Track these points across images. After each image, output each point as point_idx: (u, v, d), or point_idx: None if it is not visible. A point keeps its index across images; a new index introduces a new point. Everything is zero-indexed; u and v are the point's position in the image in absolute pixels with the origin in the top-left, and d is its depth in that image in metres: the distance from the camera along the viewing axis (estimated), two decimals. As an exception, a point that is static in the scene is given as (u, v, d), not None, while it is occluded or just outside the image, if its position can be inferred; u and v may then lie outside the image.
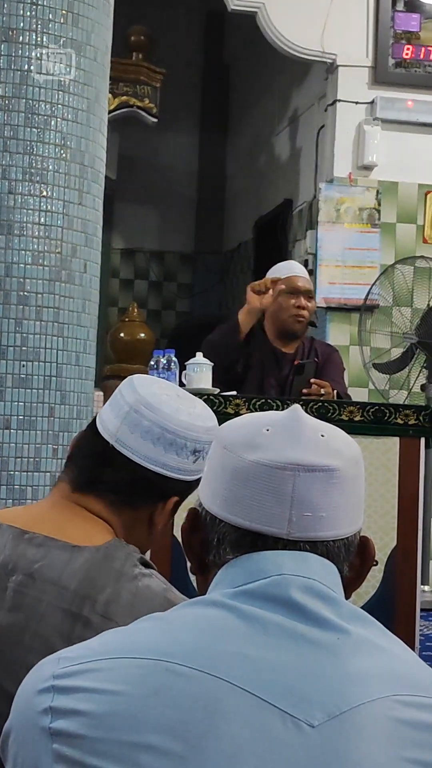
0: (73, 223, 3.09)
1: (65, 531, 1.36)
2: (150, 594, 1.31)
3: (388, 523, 3.12)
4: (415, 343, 4.99)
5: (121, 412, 1.41)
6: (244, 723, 0.81)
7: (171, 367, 3.25)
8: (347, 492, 0.94)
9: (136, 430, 1.39)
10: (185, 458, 1.41)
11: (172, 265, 8.31)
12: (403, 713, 0.85)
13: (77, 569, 1.31)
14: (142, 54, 6.14)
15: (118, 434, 1.40)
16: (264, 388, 3.72)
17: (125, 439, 1.40)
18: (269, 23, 5.36)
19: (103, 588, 1.29)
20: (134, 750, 0.81)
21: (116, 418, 1.41)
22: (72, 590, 1.29)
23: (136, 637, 0.89)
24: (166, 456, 1.40)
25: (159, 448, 1.40)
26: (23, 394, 3.01)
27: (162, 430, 1.39)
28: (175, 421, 1.40)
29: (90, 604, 1.28)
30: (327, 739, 0.82)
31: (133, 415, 1.40)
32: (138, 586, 1.31)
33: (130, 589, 1.30)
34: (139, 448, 1.40)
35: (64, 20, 3.05)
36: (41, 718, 0.84)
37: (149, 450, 1.40)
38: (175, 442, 1.40)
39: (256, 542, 0.93)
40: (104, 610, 1.28)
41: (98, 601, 1.28)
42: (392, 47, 5.43)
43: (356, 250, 5.36)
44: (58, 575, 1.30)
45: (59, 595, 1.29)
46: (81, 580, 1.30)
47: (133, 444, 1.40)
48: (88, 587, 1.29)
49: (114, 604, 1.28)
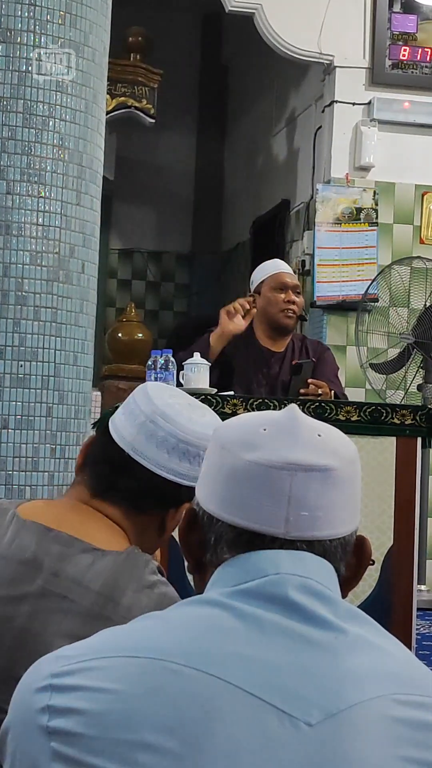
0: (71, 223, 3.10)
1: (87, 533, 1.40)
2: (167, 601, 1.33)
3: (384, 523, 3.13)
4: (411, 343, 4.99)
5: (137, 422, 1.45)
6: (242, 722, 0.82)
7: (169, 367, 3.25)
8: (344, 492, 0.94)
9: (151, 439, 1.44)
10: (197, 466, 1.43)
11: (170, 266, 8.31)
12: (400, 712, 0.85)
13: (100, 571, 1.34)
14: (139, 55, 6.14)
15: (134, 443, 1.44)
16: (253, 387, 3.73)
17: (141, 448, 1.44)
18: (266, 24, 5.36)
19: (125, 592, 1.33)
20: (131, 749, 0.81)
21: (131, 427, 1.45)
22: (95, 591, 1.32)
23: (133, 635, 0.89)
24: (180, 465, 1.44)
25: (174, 458, 1.44)
26: (21, 393, 3.01)
27: (177, 441, 1.44)
28: (190, 432, 1.44)
29: (113, 606, 1.32)
30: (324, 738, 0.82)
31: (149, 425, 1.44)
32: (156, 593, 1.35)
33: (150, 596, 1.34)
34: (155, 457, 1.44)
35: (62, 21, 3.05)
36: (39, 716, 0.84)
37: (164, 459, 1.44)
38: (189, 451, 1.44)
39: (253, 542, 0.93)
40: (126, 613, 1.30)
41: (121, 604, 1.32)
42: (389, 48, 5.43)
43: (353, 249, 5.36)
44: (82, 575, 1.34)
45: (83, 594, 1.32)
46: (104, 582, 1.33)
47: (148, 453, 1.44)
48: (111, 590, 1.33)
49: (135, 609, 1.31)
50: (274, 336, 3.82)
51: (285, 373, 3.77)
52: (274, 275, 3.84)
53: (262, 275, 3.88)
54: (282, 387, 3.75)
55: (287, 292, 3.79)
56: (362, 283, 5.25)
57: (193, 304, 8.25)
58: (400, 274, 5.21)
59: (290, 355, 3.83)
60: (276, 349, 3.82)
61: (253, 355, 3.79)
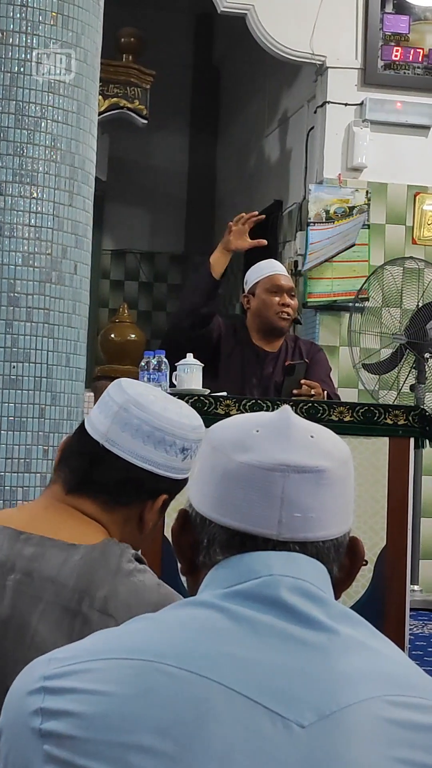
0: (64, 224, 3.09)
1: (60, 532, 1.38)
2: (145, 589, 1.34)
3: (377, 523, 3.13)
4: (404, 343, 5.01)
5: (110, 413, 1.44)
6: (235, 724, 0.82)
7: (161, 368, 3.25)
8: (337, 493, 0.95)
9: (126, 428, 1.43)
10: (174, 456, 1.44)
11: (163, 266, 8.31)
12: (393, 713, 0.85)
13: (74, 566, 1.33)
14: (132, 56, 6.14)
15: (108, 434, 1.43)
16: (246, 388, 3.73)
17: (115, 438, 1.43)
18: (259, 25, 5.37)
19: (101, 584, 1.32)
20: (125, 751, 0.81)
21: (106, 418, 1.44)
22: (70, 587, 1.31)
23: (126, 637, 0.89)
24: (155, 453, 1.43)
25: (149, 446, 1.43)
26: (13, 395, 3.01)
27: (152, 428, 1.43)
28: (164, 419, 1.43)
29: (88, 600, 1.30)
30: (317, 740, 0.82)
31: (123, 414, 1.43)
32: (134, 581, 1.34)
33: (126, 585, 1.32)
34: (130, 446, 1.43)
35: (54, 22, 3.05)
36: (32, 719, 0.84)
37: (139, 448, 1.43)
38: (164, 439, 1.43)
39: (245, 543, 0.93)
40: (102, 605, 1.30)
41: (96, 597, 1.31)
42: (381, 49, 5.44)
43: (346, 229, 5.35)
44: (56, 573, 1.33)
45: (58, 592, 1.31)
46: (78, 576, 1.32)
47: (123, 442, 1.43)
48: (86, 583, 1.31)
49: (112, 600, 1.30)
50: (268, 337, 3.82)
51: (278, 373, 3.77)
52: (270, 277, 3.83)
53: (257, 276, 3.87)
54: (275, 388, 3.74)
55: (282, 294, 3.78)
56: (354, 281, 5.26)
57: (184, 302, 8.25)
58: (392, 274, 5.22)
59: (284, 356, 3.82)
60: (270, 350, 3.82)
61: (247, 355, 3.79)
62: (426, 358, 5.00)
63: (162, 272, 8.31)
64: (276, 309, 3.76)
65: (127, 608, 1.29)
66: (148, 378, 3.21)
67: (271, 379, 3.76)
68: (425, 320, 4.96)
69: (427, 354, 5.00)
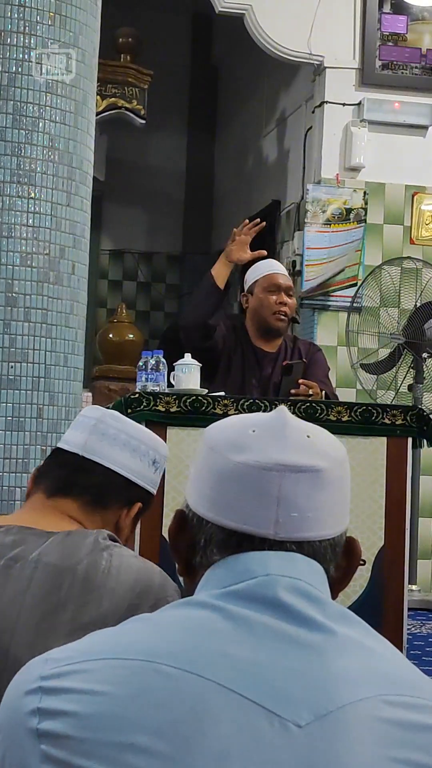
0: (61, 224, 3.09)
1: (37, 524, 1.45)
2: (123, 560, 1.39)
3: (375, 523, 3.13)
4: (402, 343, 5.01)
5: (87, 427, 1.53)
6: (231, 723, 0.82)
7: (159, 367, 3.25)
8: (333, 493, 0.95)
9: (103, 438, 1.52)
10: (147, 465, 1.54)
11: (161, 266, 8.31)
12: (390, 713, 0.85)
13: (54, 547, 1.39)
14: (129, 56, 6.14)
15: (87, 444, 1.52)
16: (246, 388, 3.72)
17: (94, 447, 1.52)
18: (257, 25, 5.37)
19: (81, 560, 1.37)
20: (121, 751, 0.81)
21: (82, 432, 1.54)
22: (52, 565, 1.37)
23: (123, 638, 0.89)
24: (131, 461, 1.53)
25: (126, 453, 1.52)
26: (11, 395, 3.01)
27: (128, 437, 1.53)
28: (139, 430, 1.56)
29: (71, 575, 1.35)
30: (314, 740, 0.82)
31: (100, 425, 1.52)
32: (112, 553, 1.39)
33: (105, 558, 1.38)
34: (108, 453, 1.51)
35: (52, 22, 3.05)
36: (29, 719, 0.84)
37: (117, 454, 1.52)
38: (139, 448, 1.53)
39: (242, 543, 0.93)
40: (84, 577, 1.35)
41: (78, 571, 1.36)
42: (379, 49, 5.44)
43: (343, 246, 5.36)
44: (38, 554, 1.38)
45: (42, 571, 1.36)
46: (59, 555, 1.38)
47: (101, 450, 1.52)
48: (67, 560, 1.37)
49: (92, 572, 1.36)
50: (266, 337, 3.82)
51: (277, 374, 3.77)
52: (267, 276, 3.83)
53: (256, 275, 3.87)
54: (274, 388, 3.74)
55: (279, 293, 3.78)
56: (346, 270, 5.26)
57: (183, 305, 8.25)
58: (390, 274, 5.23)
59: (282, 356, 3.82)
60: (268, 350, 3.82)
61: (247, 356, 3.79)
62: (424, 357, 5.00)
63: (160, 272, 8.31)
64: (273, 309, 3.75)
65: (106, 578, 1.36)
66: (146, 378, 3.21)
67: (270, 379, 3.76)
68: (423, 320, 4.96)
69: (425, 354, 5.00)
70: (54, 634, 1.30)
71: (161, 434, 3.04)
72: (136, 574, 1.38)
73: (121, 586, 1.35)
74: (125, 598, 1.35)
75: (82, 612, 1.32)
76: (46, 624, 1.32)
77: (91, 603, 1.33)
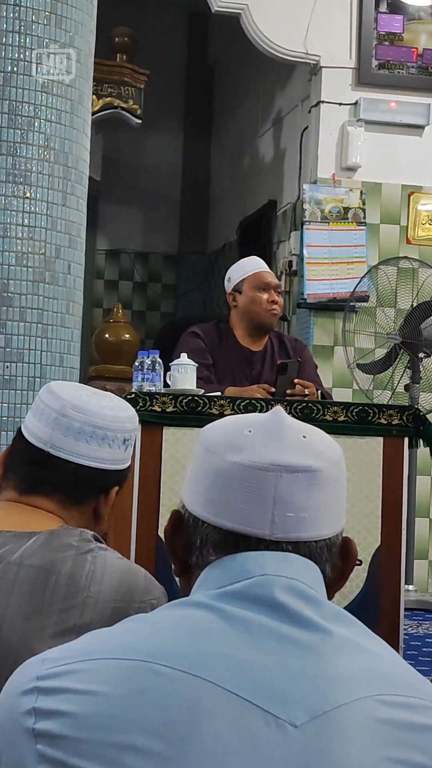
0: (57, 224, 3.09)
1: (16, 524, 1.42)
2: (107, 561, 1.38)
3: (372, 523, 3.13)
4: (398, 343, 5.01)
5: (49, 420, 1.47)
6: (228, 723, 0.82)
7: (155, 367, 3.25)
8: (329, 493, 0.95)
9: (68, 433, 1.46)
10: (117, 449, 1.49)
11: (157, 266, 8.30)
12: (386, 713, 0.85)
13: (37, 549, 1.37)
14: (125, 55, 6.14)
15: (52, 440, 1.46)
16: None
17: (59, 443, 1.46)
18: (253, 25, 5.36)
19: (64, 561, 1.35)
20: (118, 750, 0.81)
21: (45, 426, 1.47)
22: (36, 567, 1.35)
23: (119, 638, 0.89)
24: (101, 450, 1.47)
25: (93, 445, 1.47)
26: (7, 395, 3.01)
27: (93, 428, 1.46)
28: (103, 417, 1.47)
29: (55, 577, 1.34)
30: (310, 740, 0.82)
31: (63, 420, 1.46)
32: (96, 555, 1.38)
33: (88, 559, 1.36)
34: (75, 449, 1.46)
35: (48, 22, 3.05)
36: (25, 719, 0.84)
37: (85, 448, 1.46)
38: (107, 436, 1.47)
39: (238, 543, 0.93)
40: (68, 580, 1.34)
41: (62, 573, 1.34)
42: (375, 48, 5.44)
43: (343, 247, 5.36)
44: (20, 556, 1.36)
45: (25, 573, 1.34)
46: (42, 557, 1.36)
47: (68, 446, 1.46)
48: (51, 563, 1.35)
49: (77, 574, 1.34)
50: (254, 335, 3.83)
51: (267, 372, 3.77)
52: (256, 274, 3.83)
53: (242, 273, 3.87)
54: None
55: (270, 291, 3.79)
56: (353, 281, 5.26)
57: (180, 305, 8.25)
58: (386, 274, 5.22)
59: (271, 353, 3.83)
60: (256, 348, 3.83)
61: (235, 357, 3.80)
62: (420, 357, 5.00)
63: (156, 272, 8.30)
64: (266, 306, 3.76)
65: (91, 579, 1.34)
66: (142, 378, 3.20)
67: (261, 377, 3.76)
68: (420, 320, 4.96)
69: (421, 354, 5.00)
70: (39, 636, 1.29)
71: (157, 434, 3.05)
72: (119, 576, 1.37)
73: (105, 589, 1.34)
74: (110, 601, 1.34)
75: (67, 615, 1.31)
76: (31, 626, 1.31)
77: (75, 607, 1.32)
